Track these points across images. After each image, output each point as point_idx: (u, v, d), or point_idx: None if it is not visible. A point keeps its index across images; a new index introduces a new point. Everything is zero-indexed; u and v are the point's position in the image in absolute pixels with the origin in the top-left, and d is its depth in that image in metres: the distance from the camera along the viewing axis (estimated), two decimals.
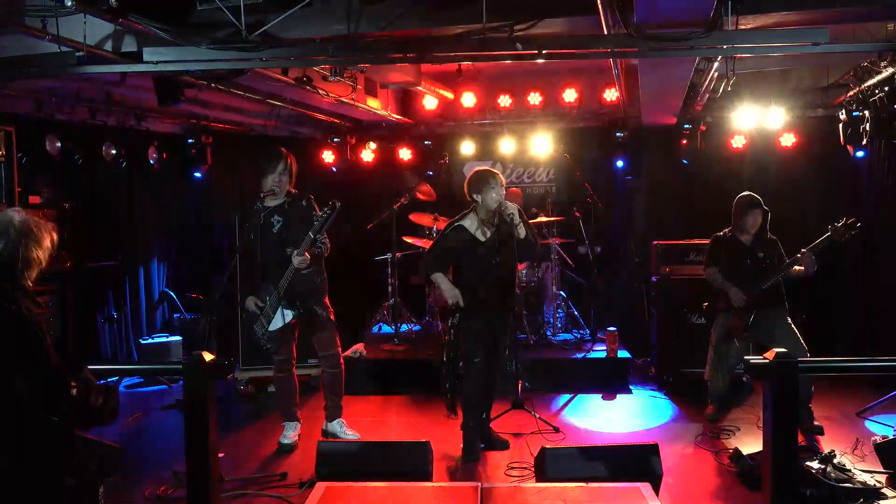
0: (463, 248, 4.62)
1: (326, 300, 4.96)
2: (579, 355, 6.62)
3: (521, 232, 4.51)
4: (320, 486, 3.44)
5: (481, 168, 4.76)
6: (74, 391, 2.49)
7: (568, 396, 6.11)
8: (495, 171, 4.69)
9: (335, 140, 8.00)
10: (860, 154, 6.53)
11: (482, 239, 4.61)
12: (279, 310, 4.74)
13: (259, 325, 4.82)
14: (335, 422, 5.06)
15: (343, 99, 6.10)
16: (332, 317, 4.97)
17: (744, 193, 5.30)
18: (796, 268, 4.98)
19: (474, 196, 4.61)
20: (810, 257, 4.91)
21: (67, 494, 2.48)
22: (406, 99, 7.95)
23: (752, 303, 5.08)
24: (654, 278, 6.61)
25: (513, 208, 4.49)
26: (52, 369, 2.41)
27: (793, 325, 5.08)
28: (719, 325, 5.31)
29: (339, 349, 5.05)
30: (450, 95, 7.47)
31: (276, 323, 4.78)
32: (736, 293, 5.10)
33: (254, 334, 4.87)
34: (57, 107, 5.96)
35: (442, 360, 4.75)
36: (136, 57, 4.15)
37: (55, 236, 2.59)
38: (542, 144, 7.68)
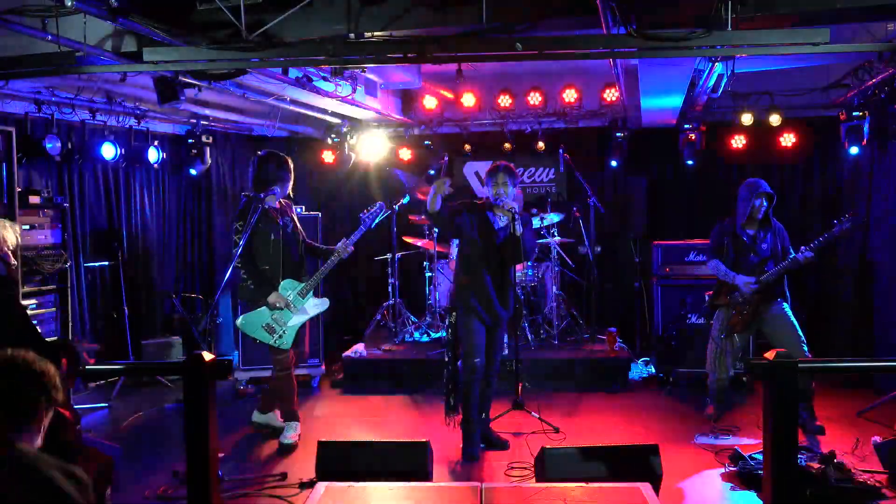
0: (467, 219, 4.70)
1: None
2: (579, 355, 6.61)
3: (518, 229, 4.58)
4: (320, 486, 3.43)
5: (501, 161, 4.87)
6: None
7: (568, 396, 6.11)
8: (509, 165, 4.78)
9: (335, 140, 7.99)
10: (860, 154, 6.53)
11: (490, 219, 4.71)
12: (304, 303, 4.88)
13: (267, 328, 4.82)
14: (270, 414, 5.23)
15: (343, 99, 6.09)
16: None
17: (751, 179, 5.22)
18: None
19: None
20: (810, 256, 4.91)
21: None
22: (406, 99, 7.95)
23: (754, 297, 5.07)
24: (654, 278, 6.62)
25: (512, 204, 4.59)
26: None
27: (793, 317, 5.07)
28: (720, 319, 5.26)
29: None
30: (450, 95, 7.47)
31: (301, 318, 4.91)
32: (745, 282, 5.06)
33: (264, 340, 4.85)
34: (57, 107, 5.96)
35: (442, 360, 4.75)
36: (136, 57, 4.15)
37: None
38: (542, 144, 7.70)
